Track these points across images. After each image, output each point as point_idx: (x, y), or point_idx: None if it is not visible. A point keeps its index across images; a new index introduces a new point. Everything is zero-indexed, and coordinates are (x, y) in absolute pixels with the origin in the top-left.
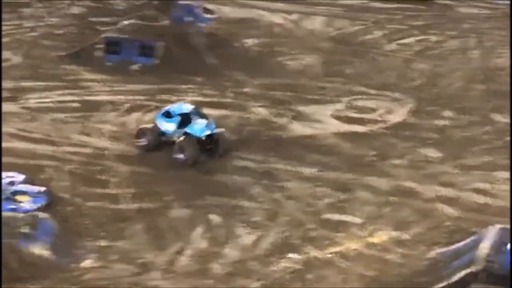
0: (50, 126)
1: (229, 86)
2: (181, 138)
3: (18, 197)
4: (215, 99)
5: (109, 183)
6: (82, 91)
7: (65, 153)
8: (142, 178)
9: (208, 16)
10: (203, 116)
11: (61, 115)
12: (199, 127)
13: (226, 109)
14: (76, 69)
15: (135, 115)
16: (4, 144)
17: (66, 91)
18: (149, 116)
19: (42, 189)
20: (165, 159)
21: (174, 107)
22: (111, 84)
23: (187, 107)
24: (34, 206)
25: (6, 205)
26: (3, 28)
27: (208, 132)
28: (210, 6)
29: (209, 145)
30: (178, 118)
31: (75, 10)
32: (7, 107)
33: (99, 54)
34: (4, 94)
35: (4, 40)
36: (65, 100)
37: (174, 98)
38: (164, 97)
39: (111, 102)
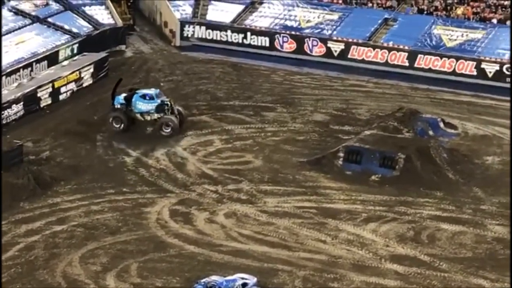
0: (287, 231)
1: (467, 203)
2: (158, 116)
3: None
4: (453, 215)
5: None
6: (320, 198)
7: (300, 259)
8: None
9: (451, 131)
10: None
11: (298, 220)
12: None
13: (463, 225)
14: (315, 175)
15: (372, 225)
16: (239, 246)
17: (305, 197)
18: (385, 227)
19: None
20: None
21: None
22: (349, 193)
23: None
24: None
25: None
26: (247, 130)
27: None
28: (454, 122)
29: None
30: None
31: (318, 117)
32: (244, 209)
33: (339, 162)
34: (243, 196)
35: (246, 142)
36: (303, 206)
37: (412, 210)
38: (402, 209)
39: (348, 211)
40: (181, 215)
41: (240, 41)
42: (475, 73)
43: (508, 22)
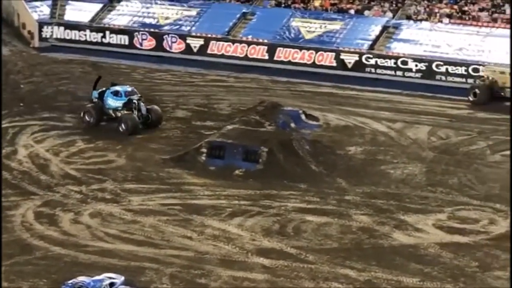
0: (152, 229)
1: (331, 194)
2: (123, 112)
3: None
4: (317, 206)
5: None
6: (185, 195)
7: (167, 256)
8: (243, 283)
9: (313, 123)
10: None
11: (163, 218)
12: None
13: (328, 216)
14: (179, 172)
15: (237, 220)
16: (106, 245)
17: (169, 194)
18: (251, 221)
19: None
20: None
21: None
22: (214, 188)
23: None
24: None
25: None
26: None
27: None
28: (315, 113)
29: (149, 119)
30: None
31: (180, 113)
32: (109, 208)
33: (202, 158)
34: (107, 195)
35: (109, 141)
36: (167, 203)
37: (276, 204)
38: (266, 202)
39: (213, 207)
40: (46, 217)
41: (99, 40)
42: (334, 64)
43: (365, 12)
